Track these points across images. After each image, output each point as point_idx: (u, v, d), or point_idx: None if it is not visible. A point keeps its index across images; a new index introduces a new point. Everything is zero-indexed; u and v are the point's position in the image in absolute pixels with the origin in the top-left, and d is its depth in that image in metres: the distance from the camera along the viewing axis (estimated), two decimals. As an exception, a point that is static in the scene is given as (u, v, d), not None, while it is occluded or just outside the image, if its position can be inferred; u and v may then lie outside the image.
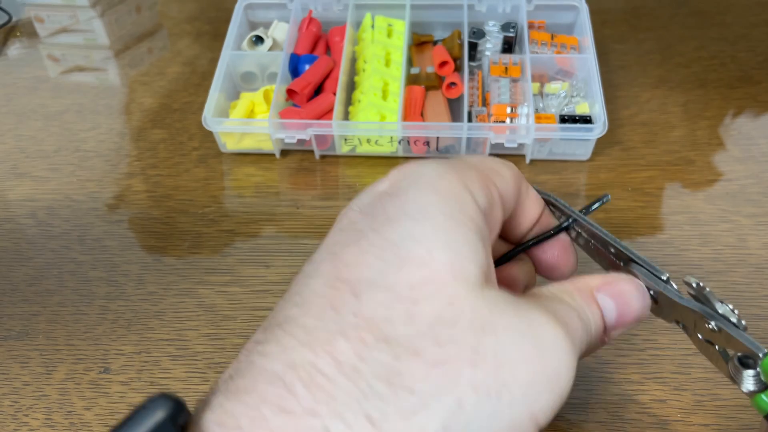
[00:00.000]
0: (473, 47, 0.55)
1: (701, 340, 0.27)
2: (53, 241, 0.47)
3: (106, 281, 0.45)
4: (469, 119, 0.51)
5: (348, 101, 0.54)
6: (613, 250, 0.29)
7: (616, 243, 0.29)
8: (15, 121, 0.56)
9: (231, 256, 0.46)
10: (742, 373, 0.26)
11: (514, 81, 0.53)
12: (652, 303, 0.28)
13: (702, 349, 0.28)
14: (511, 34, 0.55)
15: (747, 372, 0.26)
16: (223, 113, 0.53)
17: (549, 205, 0.31)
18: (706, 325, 0.26)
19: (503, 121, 0.50)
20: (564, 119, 0.50)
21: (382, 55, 0.53)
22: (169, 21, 0.66)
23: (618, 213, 0.47)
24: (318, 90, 0.53)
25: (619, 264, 0.29)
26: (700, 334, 0.27)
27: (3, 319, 0.43)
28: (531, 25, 0.56)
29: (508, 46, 0.55)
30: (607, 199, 0.31)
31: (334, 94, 0.51)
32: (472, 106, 0.52)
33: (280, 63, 0.53)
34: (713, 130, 0.52)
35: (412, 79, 0.54)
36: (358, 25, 0.58)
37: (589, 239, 0.30)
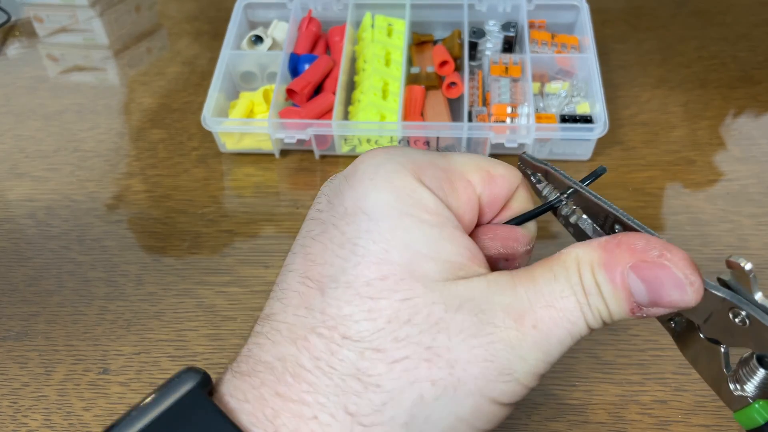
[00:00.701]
0: (473, 47, 0.55)
1: (703, 339, 0.26)
2: (52, 242, 0.47)
3: (105, 281, 0.44)
4: (470, 119, 0.51)
5: (348, 101, 0.54)
6: (618, 228, 0.28)
7: (625, 217, 0.26)
8: (14, 121, 0.56)
9: (230, 256, 0.46)
10: (756, 374, 0.24)
11: (515, 81, 0.52)
12: None
13: (696, 350, 0.26)
14: (511, 34, 0.55)
15: (761, 372, 0.24)
16: (223, 113, 0.52)
17: (544, 175, 0.29)
18: (731, 317, 0.23)
19: (503, 121, 0.50)
20: (564, 119, 0.50)
21: (382, 54, 0.53)
22: (169, 21, 0.65)
23: (618, 213, 0.47)
24: (318, 90, 0.53)
25: None
26: (708, 332, 0.25)
27: (2, 320, 0.43)
28: (531, 25, 0.56)
29: (509, 46, 0.55)
30: (602, 170, 0.29)
31: (334, 94, 0.51)
32: (472, 105, 0.52)
33: (279, 62, 0.53)
34: (714, 130, 0.52)
35: (412, 79, 0.54)
36: (358, 24, 0.58)
37: (579, 221, 0.28)
